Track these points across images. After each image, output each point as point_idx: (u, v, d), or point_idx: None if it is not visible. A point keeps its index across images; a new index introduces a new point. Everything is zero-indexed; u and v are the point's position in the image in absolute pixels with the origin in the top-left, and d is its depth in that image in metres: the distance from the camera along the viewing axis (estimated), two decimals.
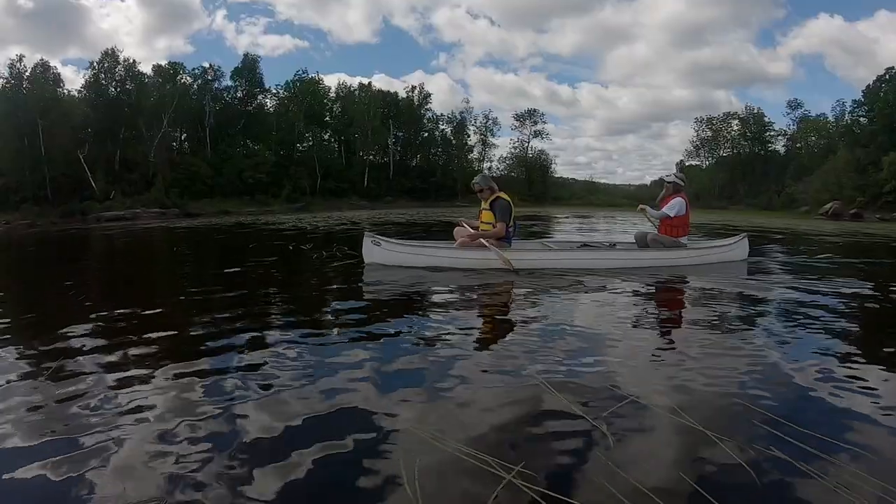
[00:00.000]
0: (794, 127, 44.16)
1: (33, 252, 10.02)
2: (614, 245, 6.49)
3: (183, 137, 37.51)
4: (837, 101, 54.95)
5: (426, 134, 45.57)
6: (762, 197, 40.03)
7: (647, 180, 64.03)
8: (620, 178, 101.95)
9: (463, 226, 6.02)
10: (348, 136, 41.00)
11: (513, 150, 49.69)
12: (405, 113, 43.43)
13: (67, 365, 2.44)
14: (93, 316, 3.47)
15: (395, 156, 43.21)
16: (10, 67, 30.90)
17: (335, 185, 38.10)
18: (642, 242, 6.27)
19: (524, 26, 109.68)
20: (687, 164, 51.29)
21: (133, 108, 32.44)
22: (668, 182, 6.29)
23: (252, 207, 32.62)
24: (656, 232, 6.18)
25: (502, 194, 5.74)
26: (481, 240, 5.57)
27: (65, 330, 3.06)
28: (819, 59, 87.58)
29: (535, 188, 44.84)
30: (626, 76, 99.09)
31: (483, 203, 5.84)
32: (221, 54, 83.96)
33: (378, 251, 5.68)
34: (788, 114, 44.39)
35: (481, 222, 5.85)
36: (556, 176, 50.89)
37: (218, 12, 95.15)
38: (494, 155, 51.34)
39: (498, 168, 49.71)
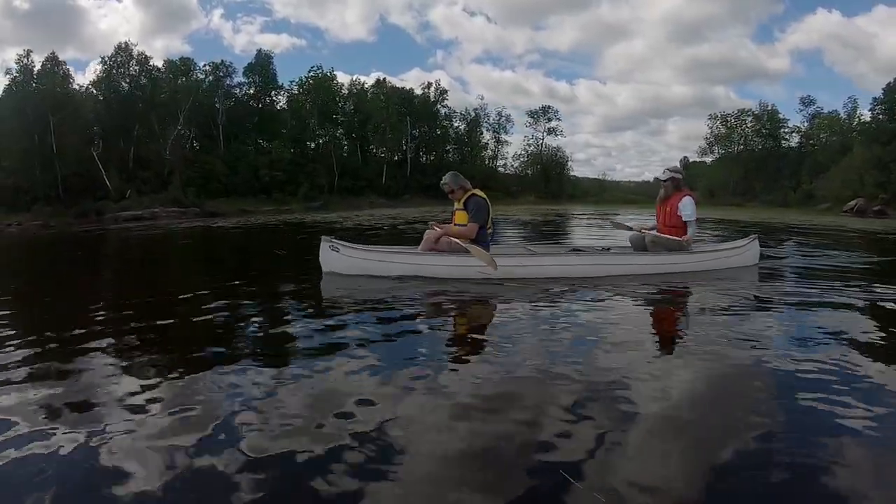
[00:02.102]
0: (807, 124, 44.25)
1: (83, 257, 9.38)
2: (608, 249, 5.81)
3: (193, 135, 36.59)
4: (849, 98, 55.48)
5: (439, 132, 44.99)
6: (777, 194, 40.08)
7: (647, 177, 64.04)
8: (619, 175, 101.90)
9: (434, 229, 5.16)
10: (363, 133, 40.40)
11: (527, 148, 49.37)
12: (421, 110, 42.82)
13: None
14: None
15: (411, 153, 42.63)
16: (17, 62, 30.03)
17: (352, 182, 37.44)
18: (639, 245, 5.57)
19: (521, 23, 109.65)
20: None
21: (147, 104, 31.60)
22: (665, 181, 5.47)
23: (269, 206, 31.91)
24: (655, 233, 5.47)
25: (478, 192, 5.05)
26: (457, 241, 4.81)
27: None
28: (818, 54, 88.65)
29: (551, 186, 44.56)
30: (624, 72, 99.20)
31: (456, 203, 5.09)
32: (219, 54, 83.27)
33: (336, 258, 4.91)
34: (801, 110, 44.43)
35: (455, 225, 5.08)
36: (572, 174, 50.64)
37: (215, 12, 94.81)
38: (507, 153, 51.07)
39: (512, 165, 49.57)
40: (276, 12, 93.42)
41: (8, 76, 29.92)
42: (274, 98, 39.82)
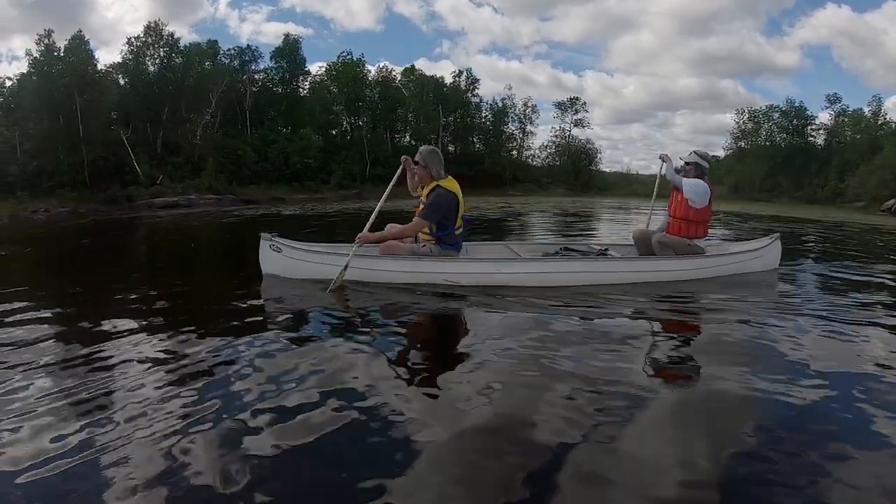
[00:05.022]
0: (831, 121, 44.28)
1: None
2: (606, 251, 5.13)
3: (220, 121, 35.50)
4: (874, 97, 56.16)
5: (469, 120, 44.03)
6: (806, 191, 40.10)
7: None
8: (626, 168, 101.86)
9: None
10: (391, 121, 39.48)
11: (554, 139, 48.47)
12: (452, 98, 41.80)
13: None
14: None
15: (443, 142, 41.82)
16: (37, 42, 28.59)
17: (383, 171, 36.57)
18: (644, 247, 4.94)
19: (528, 14, 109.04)
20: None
21: (177, 87, 30.44)
22: (689, 163, 4.86)
23: (302, 194, 31.10)
24: (664, 232, 4.80)
25: (444, 183, 4.36)
26: (413, 245, 4.38)
27: None
28: (827, 50, 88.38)
29: (581, 177, 44.00)
30: (632, 64, 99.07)
31: (423, 194, 4.48)
32: (226, 43, 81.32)
33: (277, 259, 4.44)
34: (827, 108, 44.44)
35: (393, 224, 4.61)
36: (597, 168, 50.05)
37: (221, 0, 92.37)
38: (533, 144, 50.41)
39: (539, 156, 48.64)
40: (282, 1, 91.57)
41: (28, 57, 28.56)
42: (301, 85, 38.69)
